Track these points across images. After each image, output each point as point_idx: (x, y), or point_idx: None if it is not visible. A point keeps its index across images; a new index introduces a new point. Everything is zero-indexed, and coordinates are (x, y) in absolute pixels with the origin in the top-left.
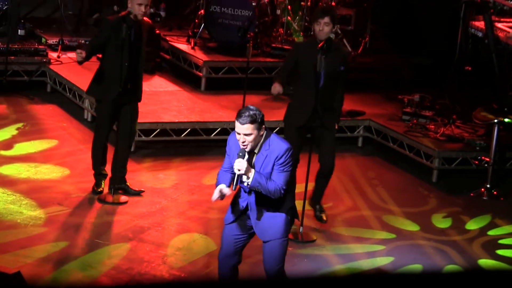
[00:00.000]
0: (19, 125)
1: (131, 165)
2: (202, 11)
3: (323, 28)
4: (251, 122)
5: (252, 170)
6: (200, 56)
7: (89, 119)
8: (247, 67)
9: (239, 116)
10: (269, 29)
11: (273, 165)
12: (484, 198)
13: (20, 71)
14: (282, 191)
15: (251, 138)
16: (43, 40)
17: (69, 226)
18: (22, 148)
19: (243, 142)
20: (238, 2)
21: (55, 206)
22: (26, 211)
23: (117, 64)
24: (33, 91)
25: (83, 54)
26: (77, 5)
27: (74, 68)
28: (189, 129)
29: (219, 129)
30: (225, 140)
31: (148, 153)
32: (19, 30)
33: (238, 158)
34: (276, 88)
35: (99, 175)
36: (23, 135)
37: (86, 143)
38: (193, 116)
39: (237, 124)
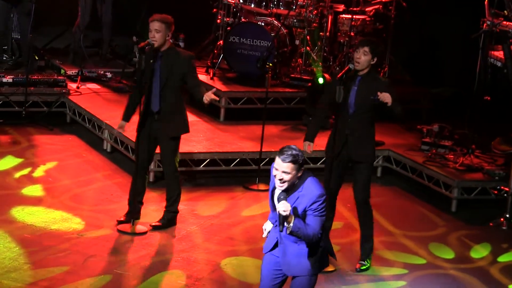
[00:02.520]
0: (38, 155)
1: (150, 195)
2: (221, 41)
3: (361, 56)
4: (293, 162)
5: (292, 215)
6: (219, 86)
7: (108, 150)
8: (266, 97)
9: (281, 153)
10: (288, 59)
11: (305, 209)
12: (504, 228)
13: (40, 102)
14: (320, 235)
15: (288, 177)
16: (62, 71)
17: (89, 256)
18: (41, 178)
19: (280, 179)
20: (257, 33)
21: (76, 236)
22: (47, 242)
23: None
24: (52, 121)
25: None
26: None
27: (93, 99)
28: (208, 160)
29: (238, 159)
30: (244, 171)
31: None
32: (39, 61)
33: (280, 200)
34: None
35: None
36: (43, 165)
37: (107, 175)
38: (212, 147)
39: (277, 160)
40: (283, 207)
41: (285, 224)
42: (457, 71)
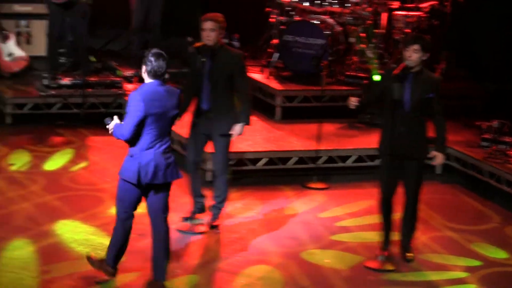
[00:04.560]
0: (96, 156)
1: (207, 194)
2: (276, 40)
3: (412, 55)
4: None
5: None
6: (274, 85)
7: None
8: (322, 95)
9: None
10: (343, 57)
11: None
12: None
13: (97, 103)
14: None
15: None
16: (119, 72)
17: (149, 256)
18: (101, 178)
19: None
20: (312, 31)
21: (135, 236)
22: (107, 241)
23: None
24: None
25: None
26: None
27: None
28: (265, 159)
29: (295, 158)
30: (301, 169)
31: None
32: (94, 63)
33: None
34: (351, 100)
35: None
36: (100, 166)
37: None
38: (269, 146)
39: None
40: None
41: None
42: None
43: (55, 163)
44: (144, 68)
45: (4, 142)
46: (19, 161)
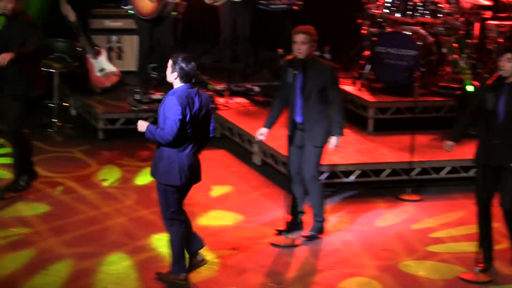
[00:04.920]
0: None
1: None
2: (368, 52)
3: (505, 64)
4: None
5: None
6: (366, 97)
7: (258, 163)
8: (414, 107)
9: None
10: (436, 68)
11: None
12: None
13: None
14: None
15: None
16: (210, 86)
17: (243, 270)
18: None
19: None
20: (403, 42)
21: (229, 251)
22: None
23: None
24: None
25: None
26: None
27: (241, 113)
28: (358, 171)
29: (388, 170)
30: (395, 181)
31: None
32: None
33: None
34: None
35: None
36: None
37: (256, 187)
38: (361, 158)
39: None
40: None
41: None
42: None
43: (146, 177)
44: (174, 72)
45: (96, 157)
46: (111, 176)
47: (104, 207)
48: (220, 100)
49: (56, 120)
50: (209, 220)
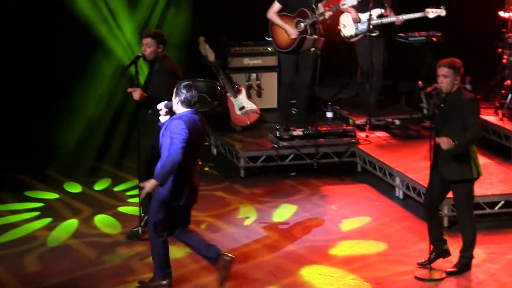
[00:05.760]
0: (331, 205)
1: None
2: (509, 81)
3: None
4: None
5: None
6: (509, 127)
7: (400, 197)
8: None
9: None
10: None
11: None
12: None
13: (330, 153)
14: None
15: None
16: (351, 121)
17: None
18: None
19: None
20: None
21: (373, 285)
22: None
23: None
24: (344, 172)
25: None
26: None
27: (382, 147)
28: (502, 202)
29: None
30: None
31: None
32: (327, 113)
33: None
34: None
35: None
36: (338, 215)
37: (398, 220)
38: (506, 188)
39: None
40: None
41: None
42: None
43: (285, 213)
44: (177, 99)
45: (237, 195)
46: (252, 213)
47: (250, 244)
48: (361, 134)
49: (197, 159)
50: (352, 249)
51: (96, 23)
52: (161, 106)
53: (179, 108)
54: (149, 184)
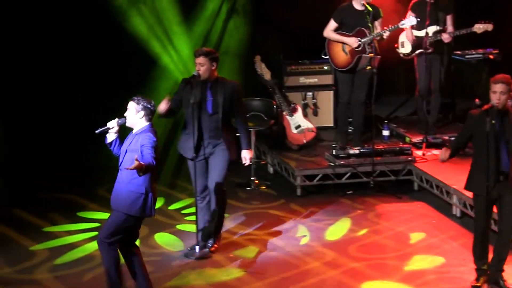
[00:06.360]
0: (388, 223)
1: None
2: None
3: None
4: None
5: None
6: None
7: (458, 215)
8: None
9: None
10: None
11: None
12: None
13: (387, 171)
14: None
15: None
16: (407, 139)
17: None
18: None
19: None
20: None
21: None
22: None
23: (484, 158)
24: (400, 190)
25: (446, 154)
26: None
27: (439, 165)
28: None
29: None
30: None
31: None
32: (383, 131)
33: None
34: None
35: (478, 271)
36: (395, 232)
37: (455, 237)
38: None
39: None
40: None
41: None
42: None
43: (339, 231)
44: (142, 113)
45: (294, 213)
46: (308, 231)
47: (309, 261)
48: (418, 153)
49: (254, 178)
50: (411, 266)
51: (151, 41)
52: (113, 123)
53: (142, 122)
54: (138, 163)
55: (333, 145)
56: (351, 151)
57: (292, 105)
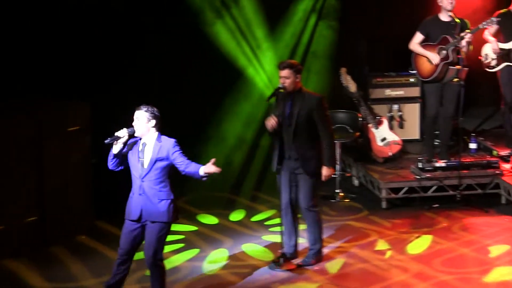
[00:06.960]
0: (475, 237)
1: None
2: None
3: None
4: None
5: None
6: None
7: None
8: None
9: None
10: None
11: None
12: None
13: (474, 185)
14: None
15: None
16: (495, 152)
17: None
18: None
19: None
20: None
21: None
22: None
23: None
24: (487, 203)
25: None
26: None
27: None
28: None
29: None
30: None
31: None
32: (470, 144)
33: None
34: None
35: None
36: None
37: None
38: None
39: None
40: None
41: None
42: None
43: (425, 244)
44: (154, 121)
45: (378, 226)
46: (393, 244)
47: (398, 273)
48: (505, 166)
49: (338, 191)
50: (504, 277)
51: (237, 54)
52: (124, 133)
53: (154, 130)
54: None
55: (419, 158)
56: (437, 164)
57: (378, 117)
